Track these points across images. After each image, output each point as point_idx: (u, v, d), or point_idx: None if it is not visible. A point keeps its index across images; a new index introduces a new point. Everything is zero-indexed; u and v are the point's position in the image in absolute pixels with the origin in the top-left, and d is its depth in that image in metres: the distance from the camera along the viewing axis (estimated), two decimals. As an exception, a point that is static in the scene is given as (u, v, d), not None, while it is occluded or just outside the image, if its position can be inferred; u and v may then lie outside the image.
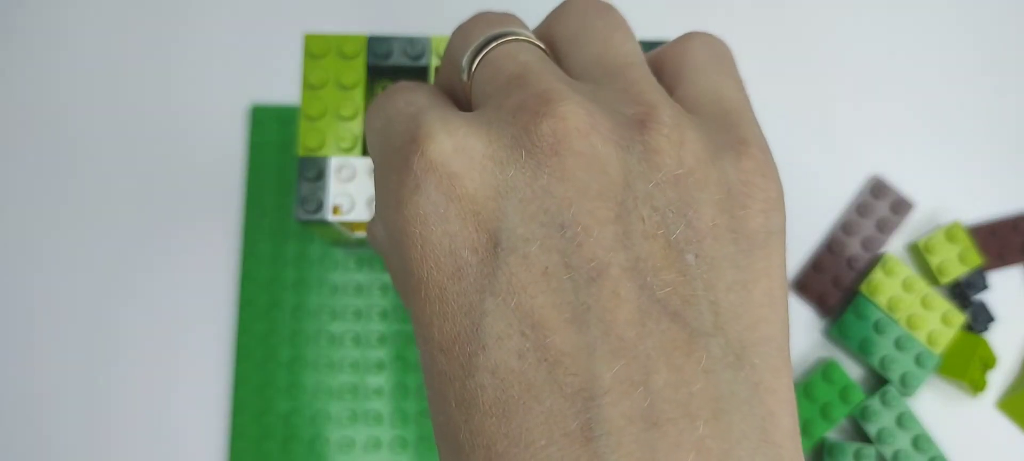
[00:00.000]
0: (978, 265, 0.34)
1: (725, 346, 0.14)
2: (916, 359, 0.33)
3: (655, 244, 0.15)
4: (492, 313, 0.14)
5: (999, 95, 0.37)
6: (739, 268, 0.15)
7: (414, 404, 0.33)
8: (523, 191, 0.15)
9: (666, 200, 0.15)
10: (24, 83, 0.36)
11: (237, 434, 0.33)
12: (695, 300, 0.15)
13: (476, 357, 0.14)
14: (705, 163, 0.16)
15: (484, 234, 0.15)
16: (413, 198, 0.15)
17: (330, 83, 0.26)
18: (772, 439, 0.14)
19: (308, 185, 0.25)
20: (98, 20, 0.37)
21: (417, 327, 0.16)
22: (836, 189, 0.36)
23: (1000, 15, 0.38)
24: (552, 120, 0.15)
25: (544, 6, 0.37)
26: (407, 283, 0.16)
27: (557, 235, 0.14)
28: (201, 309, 0.34)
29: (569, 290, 0.14)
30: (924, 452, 0.33)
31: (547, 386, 0.14)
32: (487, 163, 0.15)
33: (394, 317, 0.34)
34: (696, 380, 0.14)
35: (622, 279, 0.14)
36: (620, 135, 0.15)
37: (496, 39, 0.18)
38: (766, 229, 0.16)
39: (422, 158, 0.15)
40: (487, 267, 0.15)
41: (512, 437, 0.14)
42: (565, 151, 0.15)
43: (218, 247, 0.35)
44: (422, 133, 0.16)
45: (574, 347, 0.14)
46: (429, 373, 0.16)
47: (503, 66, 0.17)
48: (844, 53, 0.37)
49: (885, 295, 0.34)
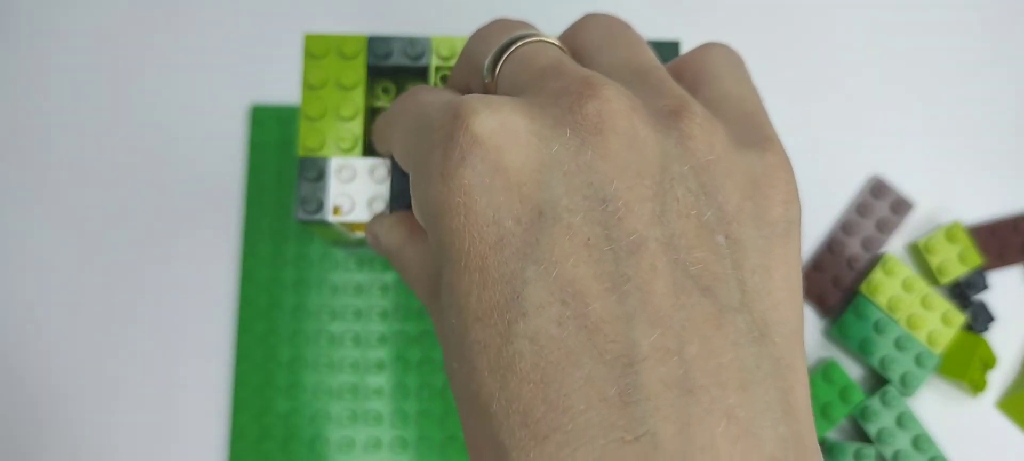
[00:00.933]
0: (978, 265, 0.34)
1: (750, 323, 0.15)
2: (916, 359, 0.33)
3: (688, 223, 0.15)
4: (533, 281, 0.15)
5: (999, 95, 0.37)
6: (762, 253, 0.16)
7: (414, 404, 0.34)
8: (567, 165, 0.15)
9: (699, 183, 0.16)
10: (23, 82, 0.36)
11: (237, 434, 0.33)
12: (724, 278, 0.15)
13: (516, 324, 0.15)
14: (733, 153, 0.17)
15: (528, 205, 0.15)
16: (459, 170, 0.16)
17: (330, 83, 0.26)
18: (793, 413, 0.15)
19: (308, 185, 0.25)
20: (98, 20, 0.37)
21: (452, 298, 0.16)
22: (836, 189, 0.36)
23: (1000, 15, 0.38)
24: (597, 101, 0.16)
25: (546, 8, 0.37)
26: (445, 255, 0.16)
27: (599, 208, 0.15)
28: (201, 309, 0.34)
29: (610, 260, 0.15)
30: (924, 452, 0.33)
31: (587, 352, 0.14)
32: (531, 138, 0.16)
33: (394, 317, 0.34)
34: (725, 352, 0.15)
35: (659, 253, 0.15)
36: (657, 120, 0.16)
37: (521, 39, 0.19)
38: (786, 219, 0.17)
39: (467, 132, 0.16)
40: (530, 237, 0.15)
41: (550, 402, 0.14)
42: (608, 130, 0.15)
43: (218, 247, 0.35)
44: (466, 110, 0.16)
45: (614, 315, 0.14)
46: (460, 346, 0.16)
47: (533, 61, 0.18)
48: (844, 53, 0.37)
49: (885, 295, 0.34)
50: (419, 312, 0.34)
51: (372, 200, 0.25)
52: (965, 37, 0.38)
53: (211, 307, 0.34)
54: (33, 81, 0.36)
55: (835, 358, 0.34)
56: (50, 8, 0.37)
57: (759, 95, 0.19)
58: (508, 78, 0.18)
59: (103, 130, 0.36)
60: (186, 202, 0.35)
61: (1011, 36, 0.38)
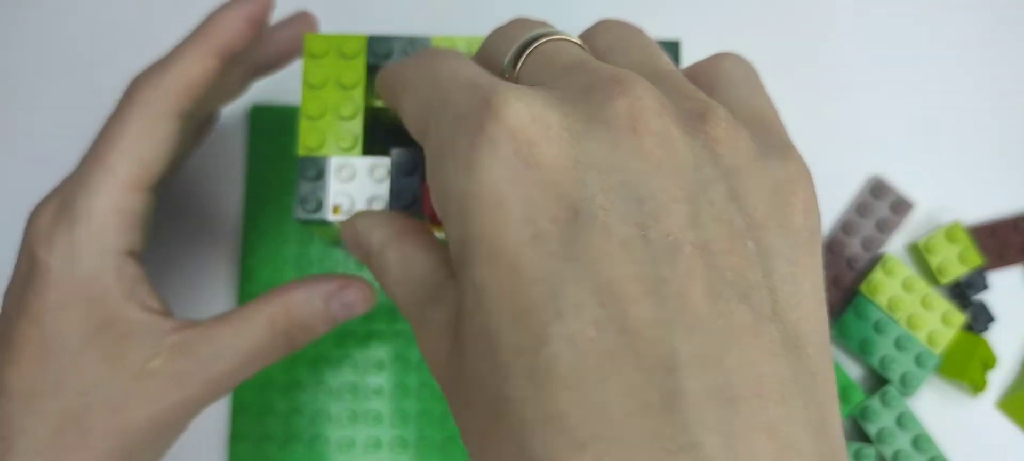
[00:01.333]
0: (978, 265, 0.34)
1: (784, 333, 0.15)
2: (916, 359, 0.33)
3: (721, 228, 0.15)
4: (570, 282, 0.14)
5: (1000, 95, 0.37)
6: (790, 262, 0.16)
7: (414, 404, 0.34)
8: (602, 164, 0.15)
9: (727, 188, 0.16)
10: (22, 80, 0.36)
11: (237, 434, 0.33)
12: (757, 285, 0.15)
13: (551, 327, 0.14)
14: (757, 159, 0.16)
15: (563, 202, 0.15)
16: (489, 162, 0.15)
17: (330, 83, 0.26)
18: (828, 429, 0.15)
19: (308, 185, 0.25)
20: (99, 20, 0.37)
21: (481, 298, 0.15)
22: (836, 189, 0.36)
23: (1000, 16, 0.38)
24: (628, 99, 0.15)
25: (547, 8, 0.37)
26: (473, 252, 0.15)
27: (636, 208, 0.15)
28: (201, 309, 0.34)
29: (647, 262, 0.14)
30: (924, 452, 0.33)
31: (626, 357, 0.14)
32: (564, 133, 0.15)
33: (394, 317, 0.34)
34: (764, 362, 0.14)
35: (695, 257, 0.14)
36: (686, 122, 0.16)
37: (543, 36, 0.18)
38: (808, 227, 0.16)
39: (499, 123, 0.15)
40: (566, 235, 0.15)
41: (589, 407, 0.14)
42: (642, 129, 0.15)
43: (218, 247, 0.35)
44: (498, 99, 0.15)
45: (653, 319, 0.14)
46: (489, 347, 0.15)
47: (557, 57, 0.18)
48: (844, 53, 0.38)
49: (885, 295, 0.34)
50: (419, 312, 0.34)
51: (372, 199, 0.25)
52: (965, 38, 0.38)
53: (211, 307, 0.34)
54: (32, 81, 0.36)
55: (835, 358, 0.34)
56: (51, 8, 0.37)
57: (774, 104, 0.19)
58: (530, 75, 0.18)
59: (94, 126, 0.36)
60: (186, 201, 0.35)
61: (1011, 37, 0.38)
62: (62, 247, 0.24)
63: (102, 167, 0.24)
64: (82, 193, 0.24)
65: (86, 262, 0.24)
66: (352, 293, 0.26)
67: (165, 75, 0.25)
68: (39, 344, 0.23)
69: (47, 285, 0.23)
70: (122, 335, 0.24)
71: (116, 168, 0.24)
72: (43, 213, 0.24)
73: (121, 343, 0.24)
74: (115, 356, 0.23)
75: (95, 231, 0.24)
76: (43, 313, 0.23)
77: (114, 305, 0.24)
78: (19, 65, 0.37)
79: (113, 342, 0.24)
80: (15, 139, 0.36)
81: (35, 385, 0.23)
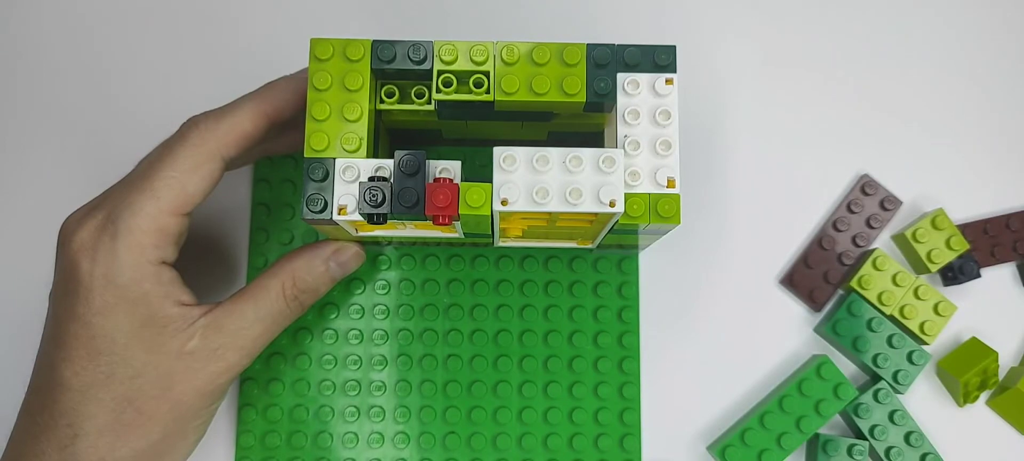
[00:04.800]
0: (966, 249, 0.35)
1: None
2: (909, 356, 0.34)
3: None
4: None
5: (988, 96, 0.38)
6: None
7: (417, 399, 0.34)
8: None
9: None
10: (22, 81, 0.37)
11: (243, 429, 0.34)
12: None
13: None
14: None
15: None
16: None
17: (335, 86, 0.26)
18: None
19: (314, 185, 0.26)
20: (99, 20, 0.38)
21: None
22: (827, 186, 0.37)
23: (988, 17, 0.39)
24: None
25: (547, 8, 0.37)
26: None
27: None
28: (208, 307, 0.35)
29: None
30: (916, 448, 0.33)
31: None
32: None
33: (396, 314, 0.35)
34: None
35: None
36: None
37: None
38: None
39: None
40: None
41: None
42: None
43: (224, 246, 0.36)
44: None
45: None
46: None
47: None
48: (836, 54, 0.38)
49: (876, 290, 0.34)
50: (420, 310, 0.35)
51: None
52: (955, 40, 0.38)
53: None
54: (32, 81, 0.37)
55: (827, 354, 0.35)
56: (52, 8, 0.38)
57: None
58: None
59: (105, 131, 0.36)
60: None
61: (1000, 39, 0.38)
62: (105, 257, 0.27)
63: (148, 191, 0.27)
64: (126, 211, 0.27)
65: (127, 272, 0.27)
66: (345, 253, 0.31)
67: (221, 123, 0.28)
68: (88, 343, 0.27)
69: (91, 291, 0.27)
70: (161, 327, 0.27)
71: (160, 194, 0.27)
72: (86, 226, 0.27)
73: (162, 333, 0.27)
74: (157, 345, 0.27)
75: (136, 245, 0.27)
76: (90, 316, 0.27)
77: (153, 305, 0.27)
78: (19, 65, 0.37)
79: (154, 334, 0.27)
80: (16, 140, 0.37)
81: (89, 378, 0.27)
